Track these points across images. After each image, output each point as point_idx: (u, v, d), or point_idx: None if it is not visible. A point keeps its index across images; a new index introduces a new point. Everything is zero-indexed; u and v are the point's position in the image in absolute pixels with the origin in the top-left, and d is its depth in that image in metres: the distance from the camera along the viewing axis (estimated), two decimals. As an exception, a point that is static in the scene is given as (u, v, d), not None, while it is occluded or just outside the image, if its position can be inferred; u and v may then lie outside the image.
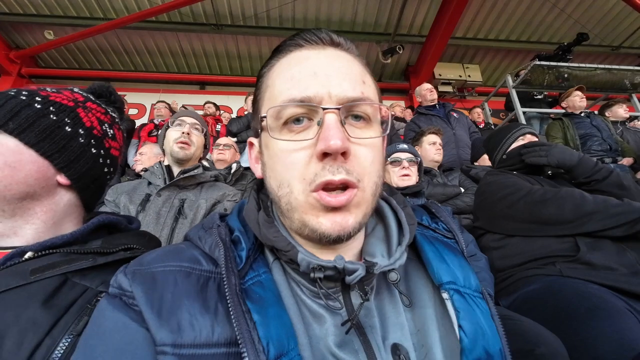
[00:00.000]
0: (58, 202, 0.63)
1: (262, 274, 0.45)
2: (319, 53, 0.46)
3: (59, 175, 0.62)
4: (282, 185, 0.44)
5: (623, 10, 5.43)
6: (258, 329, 0.38)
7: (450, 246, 0.55)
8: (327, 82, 0.43)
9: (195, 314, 0.39)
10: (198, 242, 0.49)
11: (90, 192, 0.68)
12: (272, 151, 0.46)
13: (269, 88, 0.48)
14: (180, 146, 1.47)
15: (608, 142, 3.07)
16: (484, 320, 0.46)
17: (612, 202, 1.15)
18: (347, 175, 0.41)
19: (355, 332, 0.43)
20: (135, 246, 0.63)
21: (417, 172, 1.82)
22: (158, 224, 1.25)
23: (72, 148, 0.62)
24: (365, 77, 0.47)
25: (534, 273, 1.17)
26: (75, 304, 0.51)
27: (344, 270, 0.42)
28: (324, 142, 0.40)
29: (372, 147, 0.45)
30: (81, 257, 0.56)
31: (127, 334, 0.39)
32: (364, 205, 0.44)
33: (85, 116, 0.65)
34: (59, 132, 0.61)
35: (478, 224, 1.51)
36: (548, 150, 1.44)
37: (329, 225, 0.42)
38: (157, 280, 0.42)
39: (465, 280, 0.49)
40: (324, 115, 0.42)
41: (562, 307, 0.97)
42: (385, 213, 0.53)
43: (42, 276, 0.50)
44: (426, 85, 3.76)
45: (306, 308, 0.45)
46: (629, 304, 0.97)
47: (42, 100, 0.61)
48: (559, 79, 4.27)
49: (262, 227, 0.47)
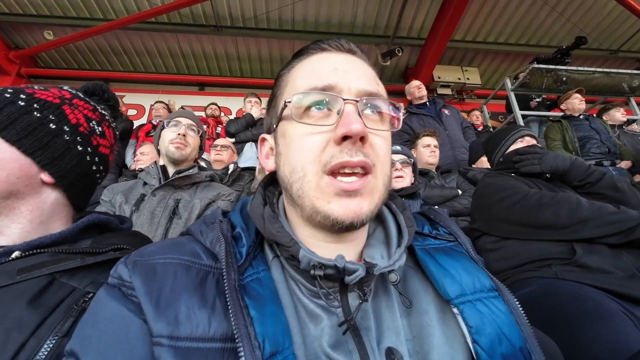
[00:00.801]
0: (44, 201, 0.61)
1: (261, 272, 0.46)
2: (339, 55, 0.51)
3: (43, 173, 0.60)
4: (296, 169, 0.45)
5: (621, 14, 5.44)
6: (255, 325, 0.38)
7: (453, 251, 0.54)
8: (346, 76, 0.47)
9: (193, 308, 0.39)
10: (199, 236, 0.49)
11: (77, 191, 0.66)
12: (289, 138, 0.47)
13: (289, 83, 0.51)
14: (176, 147, 1.46)
15: (607, 145, 3.07)
16: (502, 322, 0.45)
17: (608, 210, 1.15)
18: (365, 158, 0.43)
19: (351, 334, 0.42)
20: (126, 246, 0.62)
21: (411, 173, 1.81)
22: (152, 224, 1.24)
23: (56, 145, 0.61)
24: (378, 81, 0.51)
25: (530, 275, 1.16)
26: (62, 304, 0.50)
27: (344, 270, 0.42)
28: (345, 126, 0.42)
29: (385, 140, 0.48)
30: (70, 257, 0.55)
31: (124, 324, 0.39)
32: (376, 193, 0.45)
33: (71, 113, 0.64)
34: (43, 129, 0.59)
35: (475, 226, 1.51)
36: (541, 158, 1.45)
37: (341, 211, 0.42)
38: (157, 272, 0.42)
39: (475, 285, 0.48)
40: (343, 105, 0.44)
41: (558, 310, 0.96)
42: (385, 216, 0.54)
43: (28, 276, 0.50)
44: (414, 83, 3.75)
45: (302, 307, 0.45)
46: (624, 307, 0.96)
47: (26, 97, 0.60)
48: (558, 82, 4.28)
49: (266, 222, 0.47)
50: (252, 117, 3.50)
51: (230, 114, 5.88)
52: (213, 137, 4.08)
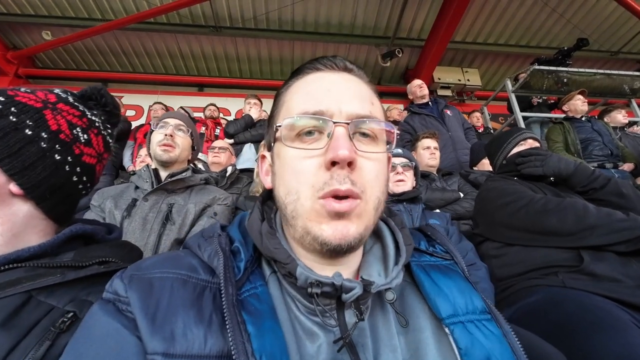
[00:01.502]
0: (16, 213, 0.56)
1: (259, 287, 0.46)
2: (333, 74, 0.51)
3: (11, 183, 0.55)
4: (290, 192, 0.46)
5: (622, 15, 5.44)
6: (252, 341, 0.38)
7: (448, 269, 0.55)
8: (339, 98, 0.47)
9: (190, 324, 0.38)
10: (197, 250, 0.49)
11: (51, 204, 0.60)
12: (283, 160, 0.48)
13: (285, 103, 0.52)
14: (163, 149, 1.41)
15: (609, 147, 3.04)
16: (493, 345, 0.45)
17: (616, 217, 1.11)
18: (352, 186, 0.43)
19: (347, 351, 0.42)
20: (112, 259, 0.58)
21: (412, 176, 1.77)
22: (144, 230, 1.19)
23: (29, 153, 0.55)
24: (373, 100, 0.51)
25: (535, 283, 1.13)
26: (38, 326, 0.46)
27: (341, 288, 0.43)
28: (333, 151, 0.43)
29: (377, 162, 0.48)
30: (49, 272, 0.51)
31: (118, 341, 0.38)
32: (365, 217, 0.45)
33: (52, 118, 0.59)
34: (16, 135, 0.54)
35: (477, 231, 1.47)
36: (544, 160, 1.41)
37: (330, 232, 0.43)
38: (153, 286, 0.42)
39: (467, 306, 0.48)
40: (334, 128, 0.45)
41: (565, 320, 0.93)
42: (384, 233, 0.54)
43: (1, 294, 0.46)
44: (416, 82, 3.71)
45: (299, 324, 0.45)
46: (634, 317, 0.93)
47: (4, 100, 0.55)
48: (558, 83, 4.27)
49: (264, 238, 0.48)
50: (251, 118, 3.50)
51: (229, 115, 5.86)
52: (211, 139, 4.04)
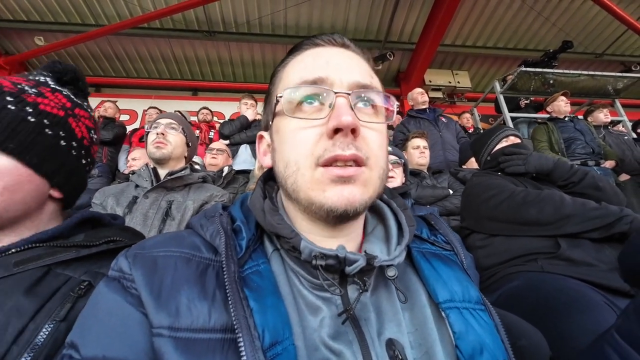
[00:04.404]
0: (45, 211, 0.63)
1: (261, 264, 0.46)
2: (331, 49, 0.50)
3: (53, 189, 0.63)
4: (290, 164, 0.45)
5: (605, 18, 5.60)
6: (254, 316, 0.38)
7: (448, 259, 0.55)
8: (338, 69, 0.47)
9: (194, 299, 0.39)
10: (199, 229, 0.49)
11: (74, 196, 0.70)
12: (282, 133, 0.47)
13: (282, 79, 0.51)
14: (156, 146, 1.46)
15: (591, 146, 3.14)
16: (485, 334, 0.45)
17: (590, 206, 1.19)
18: (357, 151, 0.42)
19: (350, 324, 0.43)
20: (119, 239, 0.64)
21: (402, 173, 1.85)
22: (145, 225, 1.24)
23: (69, 163, 0.64)
24: (372, 74, 0.51)
25: (516, 270, 1.19)
26: (59, 292, 0.52)
27: (344, 260, 0.43)
28: (336, 119, 0.42)
29: (379, 133, 0.47)
30: (64, 250, 0.57)
31: (123, 316, 0.39)
32: (371, 185, 0.45)
33: (76, 127, 0.66)
34: (59, 150, 0.62)
35: (464, 224, 1.54)
36: (525, 159, 1.50)
37: (335, 198, 0.42)
38: (157, 264, 0.42)
39: (464, 294, 0.49)
40: (335, 99, 0.44)
41: (543, 302, 0.99)
42: (386, 214, 0.54)
43: (25, 267, 0.51)
44: (418, 90, 3.84)
45: (302, 299, 0.45)
46: (607, 298, 0.99)
47: (34, 111, 0.59)
48: (545, 84, 4.37)
49: (267, 214, 0.48)
50: (246, 119, 3.43)
51: (223, 118, 5.87)
52: (206, 142, 4.03)
